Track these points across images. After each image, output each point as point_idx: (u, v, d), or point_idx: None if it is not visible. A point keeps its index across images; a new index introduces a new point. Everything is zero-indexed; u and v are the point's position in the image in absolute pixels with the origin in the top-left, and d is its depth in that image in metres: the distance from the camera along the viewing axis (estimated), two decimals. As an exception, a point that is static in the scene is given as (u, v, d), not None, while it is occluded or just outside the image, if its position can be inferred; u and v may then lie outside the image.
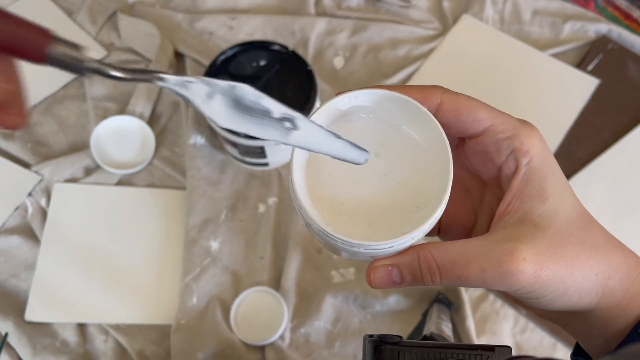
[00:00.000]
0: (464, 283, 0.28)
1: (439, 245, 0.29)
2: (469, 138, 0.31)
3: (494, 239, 0.28)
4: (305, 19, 0.98)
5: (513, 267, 0.27)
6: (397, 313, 0.78)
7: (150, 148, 0.86)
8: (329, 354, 0.75)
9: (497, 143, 0.30)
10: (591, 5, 1.04)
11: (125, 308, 0.77)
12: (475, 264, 0.27)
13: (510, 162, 0.30)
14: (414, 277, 0.29)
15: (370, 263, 0.30)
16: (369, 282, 0.30)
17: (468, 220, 0.35)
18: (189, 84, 0.25)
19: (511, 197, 0.30)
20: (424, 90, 0.30)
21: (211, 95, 0.26)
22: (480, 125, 0.30)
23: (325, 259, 0.80)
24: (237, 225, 0.82)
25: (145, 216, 0.83)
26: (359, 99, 0.31)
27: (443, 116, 0.30)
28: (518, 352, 0.76)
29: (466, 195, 0.35)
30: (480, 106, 0.30)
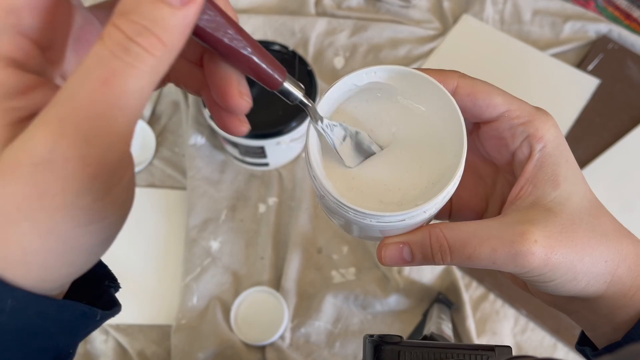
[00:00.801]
0: (475, 263, 0.28)
1: (450, 225, 0.29)
2: (484, 123, 0.32)
3: (506, 221, 0.29)
4: (305, 19, 0.98)
5: (524, 248, 0.27)
6: (397, 313, 0.78)
7: (150, 148, 0.86)
8: (329, 354, 0.75)
9: (512, 128, 0.30)
10: (591, 5, 1.04)
11: (125, 308, 0.76)
12: (487, 244, 0.28)
13: (524, 147, 0.30)
14: (425, 255, 0.30)
15: (382, 240, 0.31)
16: (380, 259, 0.31)
17: (479, 206, 0.35)
18: (334, 127, 0.30)
19: (524, 182, 0.30)
20: (441, 73, 0.30)
21: (344, 138, 0.31)
22: (496, 110, 0.30)
23: (326, 259, 0.80)
24: (237, 226, 0.82)
25: (145, 216, 0.83)
26: (377, 75, 0.31)
27: (459, 100, 0.30)
28: (518, 352, 0.76)
29: (479, 181, 0.35)
30: (496, 91, 0.30)
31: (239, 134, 0.28)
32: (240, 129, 0.28)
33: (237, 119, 0.28)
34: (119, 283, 0.32)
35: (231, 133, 0.28)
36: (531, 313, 0.77)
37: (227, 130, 0.28)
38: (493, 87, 0.30)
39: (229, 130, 0.28)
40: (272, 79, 0.26)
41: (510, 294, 0.78)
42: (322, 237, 0.81)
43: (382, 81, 0.31)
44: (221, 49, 0.24)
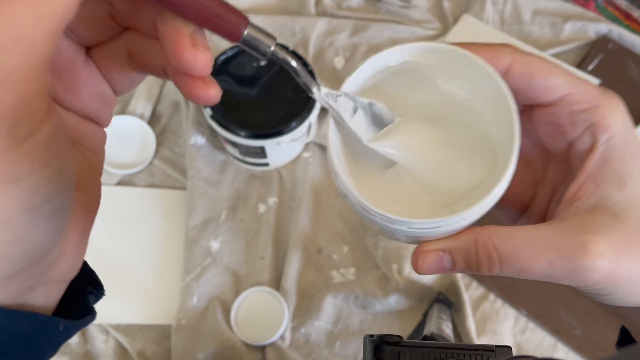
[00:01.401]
0: (527, 276, 0.25)
1: (500, 231, 0.26)
2: (539, 106, 0.28)
3: (566, 228, 0.25)
4: (305, 19, 0.98)
5: (586, 263, 0.24)
6: (397, 313, 0.78)
7: (150, 148, 0.86)
8: (329, 354, 0.75)
9: (573, 115, 0.26)
10: (591, 5, 1.04)
11: (125, 308, 0.77)
12: (544, 257, 0.24)
13: (586, 137, 0.26)
14: (468, 264, 0.26)
15: (418, 246, 0.27)
16: (415, 267, 0.27)
17: (526, 195, 0.32)
18: (338, 97, 0.26)
19: (584, 179, 0.26)
20: (492, 49, 0.27)
21: (355, 110, 0.27)
22: (555, 94, 0.26)
23: (326, 259, 0.80)
24: (237, 226, 0.82)
25: (145, 216, 0.83)
26: (413, 54, 0.27)
27: (512, 80, 0.26)
28: (518, 352, 0.76)
29: (527, 167, 0.31)
30: (556, 71, 0.26)
31: (208, 100, 0.23)
32: (207, 92, 0.23)
33: (202, 81, 0.23)
34: (103, 290, 0.30)
35: (199, 100, 0.23)
36: (531, 313, 0.77)
37: (194, 99, 0.23)
38: (552, 66, 0.26)
39: (195, 97, 0.23)
40: (229, 26, 0.22)
41: (511, 294, 0.78)
42: (322, 237, 0.81)
43: (420, 61, 0.27)
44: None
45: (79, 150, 0.25)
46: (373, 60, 0.26)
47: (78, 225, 0.23)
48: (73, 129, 0.25)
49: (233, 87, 0.78)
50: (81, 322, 0.25)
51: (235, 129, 0.75)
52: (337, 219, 0.83)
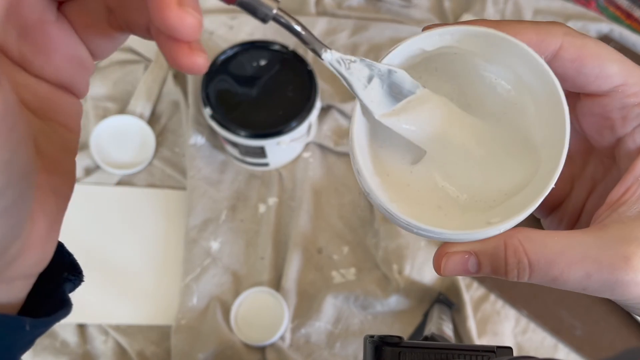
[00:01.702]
0: (559, 286, 0.23)
1: (532, 236, 0.24)
2: (587, 95, 0.25)
3: (606, 237, 0.23)
4: (305, 19, 0.98)
5: (627, 277, 0.22)
6: (397, 313, 0.78)
7: (150, 148, 0.86)
8: (329, 355, 0.75)
9: (625, 109, 0.24)
10: (592, 5, 1.04)
11: (125, 308, 0.77)
12: (579, 267, 0.22)
13: (637, 135, 0.24)
14: (496, 269, 0.24)
15: (441, 247, 0.25)
16: (437, 268, 0.25)
17: (562, 189, 0.29)
18: (351, 63, 0.23)
19: (632, 181, 0.24)
20: (541, 30, 0.24)
21: (370, 79, 0.24)
22: (607, 83, 0.24)
23: (326, 259, 0.80)
24: (237, 226, 0.82)
25: (145, 216, 0.83)
26: (453, 38, 0.24)
27: (561, 66, 0.24)
28: (519, 353, 0.75)
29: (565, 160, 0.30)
30: (612, 57, 0.24)
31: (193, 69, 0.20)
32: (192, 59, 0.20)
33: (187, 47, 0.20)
34: (82, 276, 0.27)
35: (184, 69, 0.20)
36: (532, 314, 0.76)
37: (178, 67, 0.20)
38: (608, 51, 0.24)
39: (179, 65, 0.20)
40: None
41: (511, 295, 0.77)
42: (322, 237, 0.81)
43: (460, 46, 0.24)
44: None
45: (50, 126, 0.22)
46: (408, 43, 0.24)
47: (46, 214, 0.21)
48: (43, 100, 0.22)
49: (233, 87, 0.78)
50: (52, 319, 0.22)
51: (235, 128, 0.74)
52: (337, 219, 0.82)
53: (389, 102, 0.24)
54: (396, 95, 0.24)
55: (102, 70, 0.92)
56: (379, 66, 0.24)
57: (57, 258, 0.24)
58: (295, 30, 0.22)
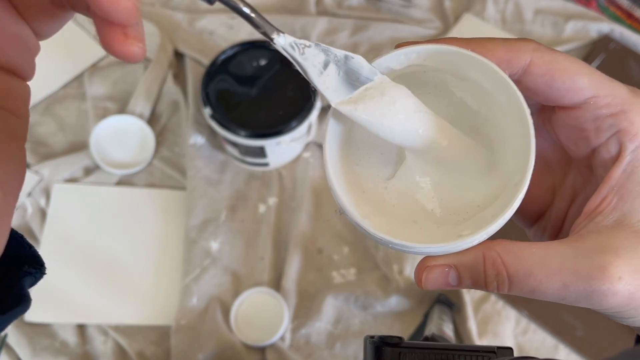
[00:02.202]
0: (538, 297, 0.23)
1: (511, 248, 0.24)
2: (561, 108, 0.25)
3: (583, 248, 0.23)
4: (305, 18, 0.98)
5: (604, 287, 0.22)
6: (398, 314, 0.77)
7: (150, 148, 0.86)
8: (329, 355, 0.75)
9: (598, 120, 0.24)
10: (593, 5, 1.03)
11: (125, 308, 0.77)
12: (557, 278, 0.22)
13: (611, 145, 0.24)
14: (476, 282, 0.24)
15: (422, 261, 0.25)
16: (418, 282, 0.25)
17: (544, 199, 0.29)
18: (306, 48, 0.22)
19: (607, 191, 0.24)
20: (511, 47, 0.24)
21: (326, 66, 0.23)
22: (578, 96, 0.24)
23: (326, 259, 0.80)
24: (237, 226, 0.82)
25: (145, 216, 0.82)
26: (420, 57, 0.24)
27: (532, 80, 0.24)
28: (520, 353, 0.75)
29: (545, 170, 0.29)
30: (582, 70, 0.24)
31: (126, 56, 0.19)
32: (125, 47, 0.19)
33: (121, 33, 0.19)
34: (44, 268, 0.25)
35: (117, 55, 0.19)
36: (532, 314, 0.76)
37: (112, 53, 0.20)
38: (577, 65, 0.24)
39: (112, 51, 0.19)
40: None
41: (512, 295, 0.77)
42: (322, 237, 0.81)
43: (427, 64, 0.24)
44: None
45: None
46: (376, 63, 0.24)
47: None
48: None
49: (233, 87, 0.78)
50: (9, 316, 0.21)
51: (235, 128, 0.74)
52: (337, 219, 0.82)
53: (346, 89, 0.24)
54: (354, 82, 0.24)
55: (102, 70, 0.92)
56: (335, 51, 0.23)
57: (16, 250, 0.23)
58: (243, 12, 0.21)
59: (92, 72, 0.91)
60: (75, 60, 0.92)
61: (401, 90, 0.24)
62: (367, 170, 0.26)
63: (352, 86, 0.24)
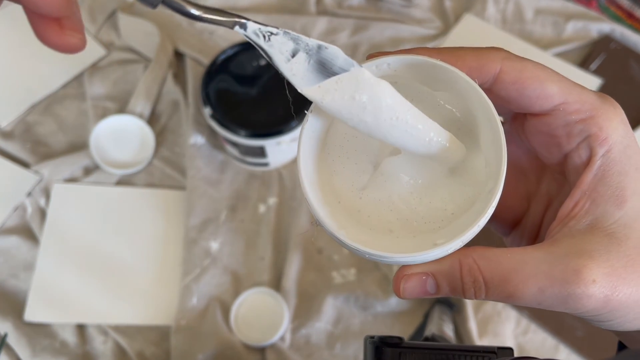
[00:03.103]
0: (515, 302, 0.24)
1: (486, 254, 0.24)
2: (532, 115, 0.26)
3: (557, 252, 0.23)
4: (306, 18, 0.97)
5: (579, 290, 0.22)
6: (398, 314, 0.77)
7: (150, 148, 0.86)
8: (329, 355, 0.75)
9: (568, 126, 0.24)
10: (594, 5, 1.03)
11: (124, 308, 0.77)
12: (533, 283, 0.23)
13: (582, 150, 0.24)
14: (453, 289, 0.24)
15: (399, 270, 0.25)
16: (396, 291, 0.25)
17: (519, 207, 0.30)
18: (272, 36, 0.22)
19: (580, 196, 0.24)
20: (481, 56, 0.25)
21: (294, 54, 0.23)
22: (549, 103, 0.24)
23: (326, 259, 0.80)
24: (237, 226, 0.82)
25: (145, 216, 0.82)
26: (391, 68, 0.24)
27: (502, 89, 0.24)
28: (520, 354, 0.75)
29: (520, 178, 0.29)
30: (551, 77, 0.24)
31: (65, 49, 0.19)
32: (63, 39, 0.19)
33: (56, 25, 0.19)
34: None
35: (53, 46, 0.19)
36: (533, 314, 0.76)
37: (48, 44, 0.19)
38: (547, 72, 0.24)
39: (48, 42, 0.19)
40: None
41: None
42: (322, 237, 0.81)
43: (399, 75, 0.25)
44: None
45: None
46: None
47: None
48: None
49: (233, 87, 0.78)
50: None
51: (235, 128, 0.74)
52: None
53: (316, 78, 0.23)
54: (326, 72, 0.23)
55: (101, 70, 0.92)
56: (307, 40, 0.23)
57: None
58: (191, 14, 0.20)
59: (92, 72, 0.91)
60: (75, 60, 0.92)
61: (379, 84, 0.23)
62: (343, 181, 0.26)
63: (325, 76, 0.23)
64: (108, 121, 0.86)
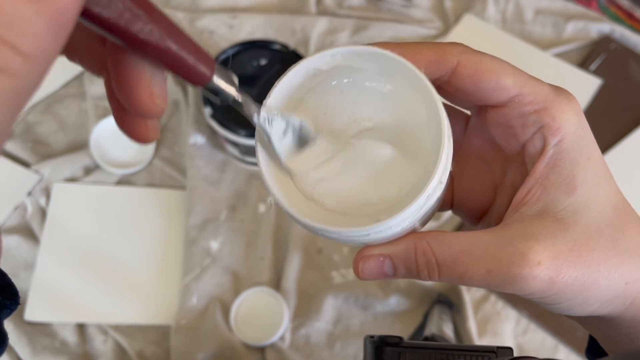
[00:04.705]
0: (466, 283, 0.24)
1: (439, 237, 0.25)
2: (491, 107, 0.27)
3: (506, 235, 0.24)
4: (306, 18, 0.98)
5: (524, 272, 0.23)
6: (398, 314, 0.77)
7: (150, 147, 0.86)
8: (329, 355, 0.75)
9: (523, 117, 0.25)
10: (594, 5, 1.03)
11: (125, 308, 0.77)
12: (481, 264, 0.24)
13: (536, 140, 0.25)
14: (409, 270, 0.26)
15: (359, 251, 0.26)
16: (356, 272, 0.26)
17: (486, 197, 0.30)
18: (273, 121, 0.25)
19: (532, 183, 0.25)
20: (439, 50, 0.25)
21: (284, 132, 0.26)
22: (504, 95, 0.25)
23: (326, 259, 0.80)
24: (237, 225, 0.82)
25: (145, 216, 0.82)
26: (345, 58, 0.26)
27: (459, 82, 0.25)
28: (519, 353, 0.75)
29: (485, 169, 0.30)
30: (506, 71, 0.25)
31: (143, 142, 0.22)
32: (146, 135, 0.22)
33: (144, 124, 0.22)
34: (18, 297, 0.26)
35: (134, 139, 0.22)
36: (532, 314, 0.76)
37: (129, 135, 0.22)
38: (503, 65, 0.25)
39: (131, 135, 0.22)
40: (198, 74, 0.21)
41: (512, 295, 0.77)
42: (322, 237, 0.81)
43: (352, 64, 0.26)
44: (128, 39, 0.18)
45: None
46: (303, 65, 0.26)
47: None
48: None
49: (233, 86, 0.78)
50: None
51: (235, 128, 0.74)
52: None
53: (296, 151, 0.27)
54: (302, 143, 0.27)
55: (102, 70, 0.92)
56: (293, 119, 0.26)
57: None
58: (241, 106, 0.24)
59: (92, 72, 0.91)
60: (75, 60, 0.92)
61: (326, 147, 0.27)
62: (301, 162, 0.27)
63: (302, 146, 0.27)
64: (108, 121, 0.86)
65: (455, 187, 0.31)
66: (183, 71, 0.20)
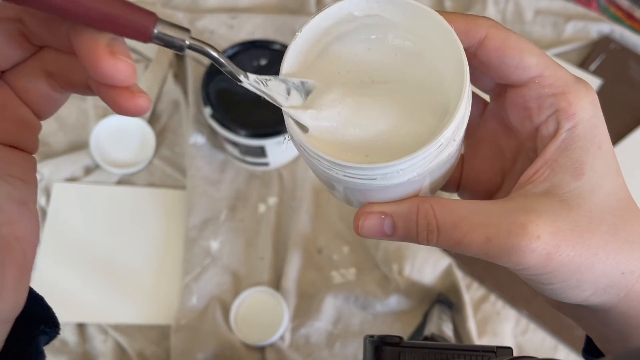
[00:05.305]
0: (464, 250, 0.25)
1: (443, 202, 0.25)
2: (511, 87, 0.27)
3: (509, 207, 0.24)
4: (306, 18, 0.97)
5: (522, 243, 0.23)
6: (397, 313, 0.77)
7: (150, 147, 0.86)
8: (329, 355, 0.75)
9: (540, 99, 0.26)
10: (593, 5, 1.03)
11: (125, 308, 0.77)
12: (480, 231, 0.24)
13: (550, 123, 0.25)
14: (408, 231, 0.26)
15: (360, 209, 0.27)
16: (356, 228, 0.27)
17: (493, 182, 0.31)
18: (267, 81, 0.26)
19: (542, 164, 0.25)
20: (470, 20, 0.26)
21: (289, 92, 0.26)
22: (525, 74, 0.25)
23: (326, 259, 0.80)
24: (237, 225, 0.82)
25: (145, 216, 0.83)
26: (379, 6, 0.26)
27: (485, 54, 0.26)
28: (519, 353, 0.75)
29: (497, 154, 0.31)
30: (531, 50, 0.25)
31: (137, 110, 0.22)
32: (134, 102, 0.22)
33: (127, 91, 0.21)
34: (59, 329, 0.28)
35: (128, 112, 0.22)
36: (532, 314, 0.76)
37: (123, 111, 0.22)
38: (528, 44, 0.26)
39: (123, 109, 0.22)
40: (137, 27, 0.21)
41: (512, 295, 0.77)
42: (322, 237, 0.81)
43: (383, 15, 0.26)
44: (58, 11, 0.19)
45: (5, 180, 0.23)
46: (337, 7, 0.26)
47: (15, 261, 0.22)
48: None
49: (233, 87, 0.78)
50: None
51: (235, 128, 0.74)
52: (337, 219, 0.82)
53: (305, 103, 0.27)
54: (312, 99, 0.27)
55: (102, 70, 0.92)
56: (292, 80, 0.27)
57: (35, 309, 0.26)
58: (211, 56, 0.24)
59: (92, 72, 0.91)
60: (75, 60, 0.92)
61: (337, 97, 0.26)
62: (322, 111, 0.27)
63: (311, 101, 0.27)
64: (108, 121, 0.86)
65: (465, 168, 0.31)
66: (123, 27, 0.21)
